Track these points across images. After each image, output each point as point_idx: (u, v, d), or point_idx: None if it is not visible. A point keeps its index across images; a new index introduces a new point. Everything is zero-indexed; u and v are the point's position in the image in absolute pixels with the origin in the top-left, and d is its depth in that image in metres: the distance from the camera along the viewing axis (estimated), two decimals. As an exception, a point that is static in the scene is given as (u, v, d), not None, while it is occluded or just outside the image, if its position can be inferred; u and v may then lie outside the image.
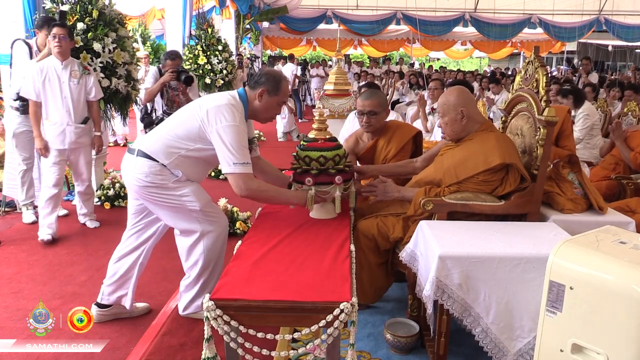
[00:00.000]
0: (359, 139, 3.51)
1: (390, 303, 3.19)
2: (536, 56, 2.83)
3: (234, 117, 2.46)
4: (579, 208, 2.70)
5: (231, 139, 2.43)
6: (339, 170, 2.63)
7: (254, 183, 2.51)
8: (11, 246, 4.04)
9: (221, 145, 2.45)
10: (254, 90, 2.61)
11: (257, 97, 2.60)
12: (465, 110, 2.69)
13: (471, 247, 2.20)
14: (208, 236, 2.68)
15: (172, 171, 2.55)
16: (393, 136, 3.32)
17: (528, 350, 2.16)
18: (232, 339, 1.78)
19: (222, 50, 9.11)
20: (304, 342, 2.61)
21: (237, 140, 2.45)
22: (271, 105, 2.65)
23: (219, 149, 2.47)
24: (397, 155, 3.28)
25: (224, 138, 2.44)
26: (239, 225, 4.31)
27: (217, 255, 2.75)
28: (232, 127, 2.44)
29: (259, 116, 2.69)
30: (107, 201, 5.09)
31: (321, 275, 1.96)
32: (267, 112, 2.67)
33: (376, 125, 3.33)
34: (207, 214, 2.65)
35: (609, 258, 1.60)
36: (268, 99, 2.61)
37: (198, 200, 2.60)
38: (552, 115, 2.56)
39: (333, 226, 2.52)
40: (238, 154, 2.44)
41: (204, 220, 2.65)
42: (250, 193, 2.50)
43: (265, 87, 2.59)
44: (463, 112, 2.69)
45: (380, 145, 3.34)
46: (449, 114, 2.72)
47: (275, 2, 15.56)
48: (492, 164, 2.54)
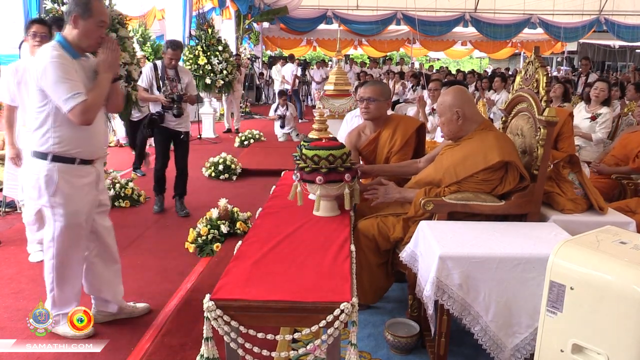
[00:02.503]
0: (361, 133, 3.45)
1: (391, 303, 3.19)
2: (536, 56, 2.83)
3: (45, 57, 2.40)
4: (579, 208, 2.70)
5: (51, 78, 2.38)
6: (347, 168, 2.64)
7: (88, 107, 2.45)
8: (11, 246, 4.05)
9: (50, 91, 2.41)
10: (67, 23, 2.52)
11: (72, 28, 2.50)
12: (460, 111, 2.70)
13: (471, 248, 2.20)
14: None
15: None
16: (397, 128, 3.27)
17: (525, 346, 2.17)
18: (232, 339, 1.78)
19: (222, 51, 9.11)
20: (304, 343, 2.61)
21: (57, 75, 2.38)
22: (90, 29, 2.51)
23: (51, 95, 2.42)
24: (401, 150, 3.24)
25: (47, 82, 2.39)
26: (239, 226, 4.31)
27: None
28: (46, 66, 2.38)
29: (83, 45, 2.55)
30: (107, 201, 5.09)
31: (321, 276, 1.96)
32: (88, 37, 2.53)
33: (374, 113, 3.27)
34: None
35: (609, 258, 1.60)
36: (84, 24, 2.49)
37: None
38: (553, 115, 2.56)
39: (333, 226, 2.52)
40: (63, 89, 2.39)
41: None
42: (90, 117, 2.47)
43: (75, 13, 2.47)
44: (458, 113, 2.70)
45: (384, 138, 3.30)
46: (445, 114, 2.74)
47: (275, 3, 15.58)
48: (492, 162, 2.54)
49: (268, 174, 6.35)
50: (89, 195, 2.65)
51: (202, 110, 9.50)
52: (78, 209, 2.60)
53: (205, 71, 8.87)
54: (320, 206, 2.69)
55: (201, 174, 6.65)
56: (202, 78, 8.86)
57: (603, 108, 5.09)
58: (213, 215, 4.30)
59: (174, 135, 4.95)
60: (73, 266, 2.69)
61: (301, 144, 2.87)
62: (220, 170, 6.55)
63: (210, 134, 9.56)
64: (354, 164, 2.76)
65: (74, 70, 2.46)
